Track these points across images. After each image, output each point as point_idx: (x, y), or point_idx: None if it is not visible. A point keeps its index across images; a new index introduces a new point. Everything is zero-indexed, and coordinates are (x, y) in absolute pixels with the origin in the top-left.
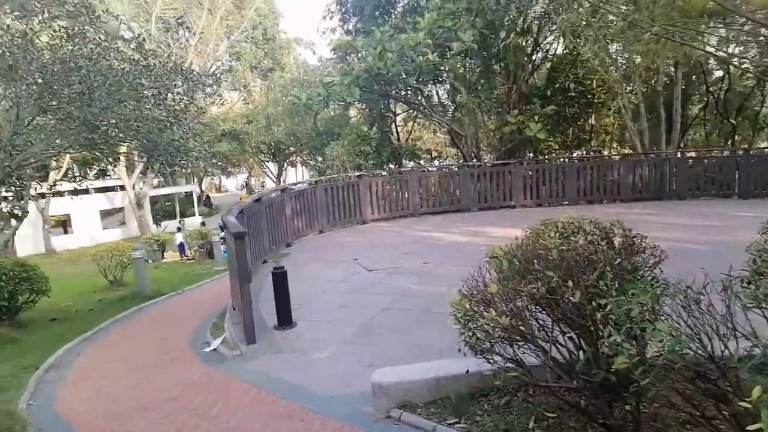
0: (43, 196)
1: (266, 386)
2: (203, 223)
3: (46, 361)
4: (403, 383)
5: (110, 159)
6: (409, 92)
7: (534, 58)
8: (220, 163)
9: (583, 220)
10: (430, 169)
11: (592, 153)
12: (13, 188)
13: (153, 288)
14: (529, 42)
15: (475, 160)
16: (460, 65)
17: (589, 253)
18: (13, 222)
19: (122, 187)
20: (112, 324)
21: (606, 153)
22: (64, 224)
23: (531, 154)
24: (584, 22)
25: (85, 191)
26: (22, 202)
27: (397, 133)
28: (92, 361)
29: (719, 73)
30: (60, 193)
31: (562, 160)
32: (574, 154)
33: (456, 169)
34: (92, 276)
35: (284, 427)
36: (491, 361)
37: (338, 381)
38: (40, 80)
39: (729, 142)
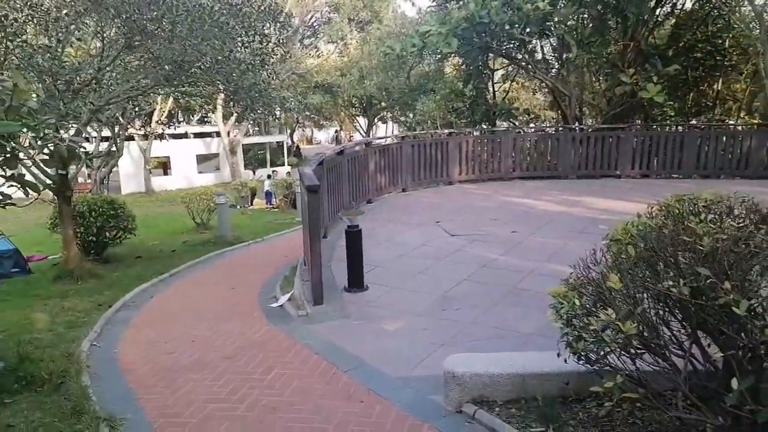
0: (146, 137)
1: (327, 355)
2: (289, 173)
3: (119, 300)
4: (481, 375)
5: (199, 101)
6: (512, 45)
7: (658, 12)
8: (311, 115)
9: (730, 199)
10: (526, 130)
11: (714, 121)
12: (106, 127)
13: (234, 234)
14: None
15: (577, 123)
16: (573, 15)
17: (751, 243)
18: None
19: (218, 134)
20: (190, 268)
21: (732, 122)
22: (164, 166)
23: (640, 121)
24: None
25: (185, 135)
26: (117, 141)
27: (494, 92)
28: (162, 304)
29: None
30: (161, 136)
31: (678, 128)
32: (692, 122)
33: (555, 131)
34: (183, 217)
35: (340, 410)
36: (601, 373)
37: (406, 359)
38: (124, 15)
39: None
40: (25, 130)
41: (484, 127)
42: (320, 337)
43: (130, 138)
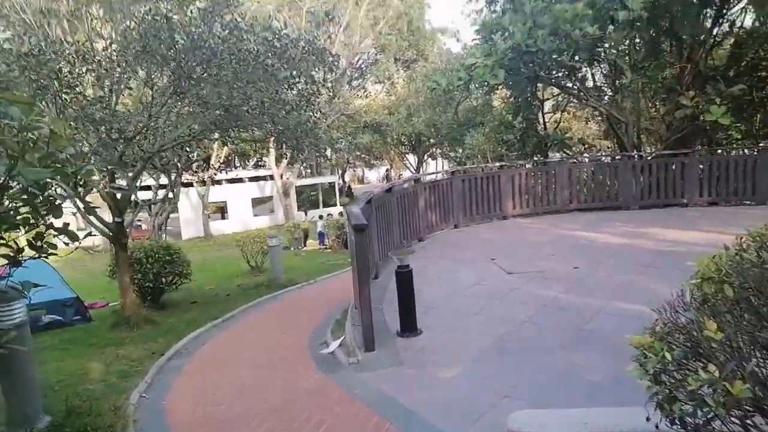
0: (204, 183)
1: (379, 408)
2: (341, 213)
3: (172, 347)
4: None
5: (253, 145)
6: (561, 74)
7: (715, 32)
8: (361, 155)
9: None
10: (581, 160)
11: None
12: (164, 174)
13: (287, 276)
14: (710, 13)
15: (635, 151)
16: (625, 39)
17: None
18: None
19: (272, 177)
20: (243, 312)
21: None
22: (221, 210)
23: (704, 146)
24: None
25: (240, 180)
26: (174, 188)
27: (544, 122)
28: (214, 351)
29: None
30: (218, 182)
31: (746, 151)
32: (760, 145)
33: (612, 160)
34: (238, 260)
35: None
36: None
37: (464, 413)
38: (173, 63)
39: None
40: (58, 177)
41: (537, 159)
42: (372, 386)
43: (189, 184)
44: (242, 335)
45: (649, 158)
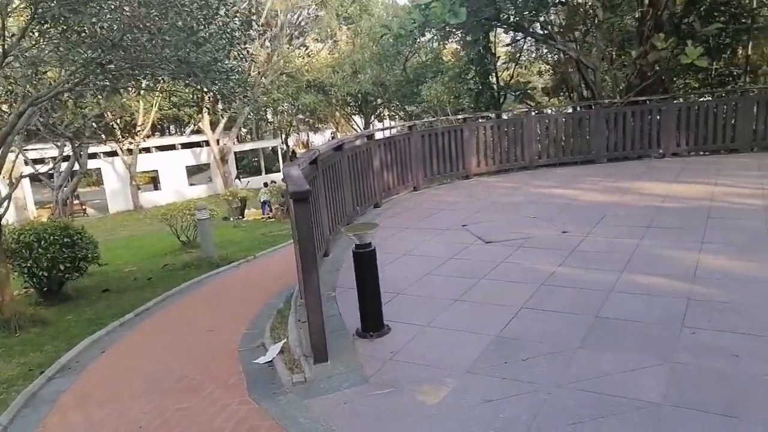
0: (130, 152)
1: None
2: (284, 180)
3: (59, 360)
4: None
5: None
6: (525, 15)
7: None
8: (305, 118)
9: None
10: (551, 111)
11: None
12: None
13: (222, 253)
14: None
15: (607, 99)
16: None
17: None
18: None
19: (207, 143)
20: (163, 302)
21: None
22: (153, 180)
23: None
24: None
25: (172, 147)
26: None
27: (497, 76)
28: (110, 364)
29: None
30: (147, 149)
31: (730, 95)
32: (747, 87)
33: (582, 110)
34: (170, 235)
35: None
36: None
37: None
38: None
39: None
40: None
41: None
42: (324, 422)
43: (113, 153)
44: (155, 338)
45: (620, 106)
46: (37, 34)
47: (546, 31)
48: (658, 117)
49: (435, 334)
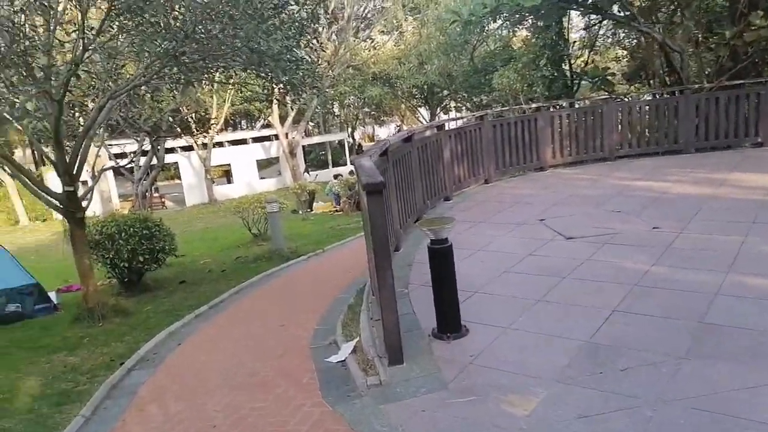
0: (205, 146)
1: None
2: (351, 172)
3: (138, 351)
4: None
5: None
6: None
7: None
8: (371, 111)
9: None
10: (632, 97)
11: None
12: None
13: (291, 246)
14: None
15: (696, 84)
16: None
17: None
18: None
19: (277, 137)
20: (235, 294)
21: None
22: (227, 174)
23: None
24: None
25: (244, 141)
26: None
27: (570, 63)
28: (187, 357)
29: None
30: (221, 144)
31: None
32: None
33: (670, 96)
34: (243, 228)
35: None
36: None
37: None
38: None
39: None
40: None
41: (569, 101)
42: (402, 431)
43: (189, 148)
44: (228, 330)
45: (713, 91)
46: (115, 27)
47: (627, 13)
48: (756, 102)
49: (517, 337)
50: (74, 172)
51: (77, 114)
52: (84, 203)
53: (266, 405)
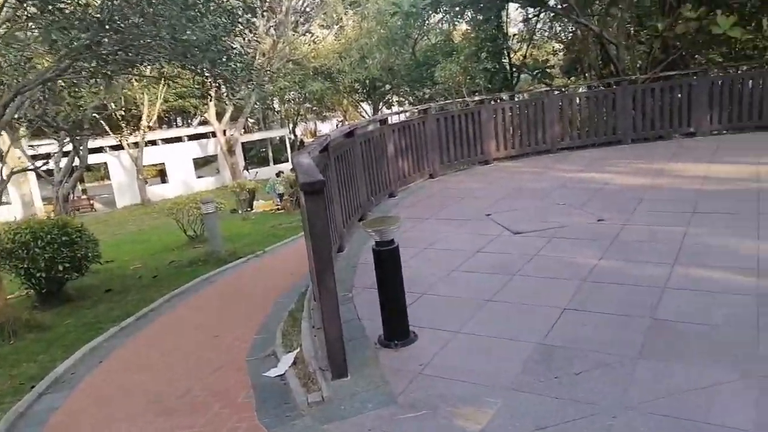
0: (136, 145)
1: None
2: (293, 169)
3: (54, 371)
4: None
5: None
6: None
7: None
8: (312, 107)
9: None
10: (572, 89)
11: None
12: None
13: (230, 247)
14: None
15: (633, 75)
16: None
17: None
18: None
19: (214, 134)
20: (167, 303)
21: None
22: (161, 174)
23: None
24: None
25: (179, 139)
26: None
27: (509, 56)
28: (108, 376)
29: None
30: (153, 142)
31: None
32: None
33: (604, 88)
34: (178, 229)
35: None
36: None
37: None
38: None
39: None
40: None
41: (510, 94)
42: None
43: (119, 147)
44: (157, 345)
45: (645, 83)
46: (24, 18)
47: (565, 5)
48: (688, 93)
49: (469, 341)
50: None
51: None
52: None
53: (198, 428)
